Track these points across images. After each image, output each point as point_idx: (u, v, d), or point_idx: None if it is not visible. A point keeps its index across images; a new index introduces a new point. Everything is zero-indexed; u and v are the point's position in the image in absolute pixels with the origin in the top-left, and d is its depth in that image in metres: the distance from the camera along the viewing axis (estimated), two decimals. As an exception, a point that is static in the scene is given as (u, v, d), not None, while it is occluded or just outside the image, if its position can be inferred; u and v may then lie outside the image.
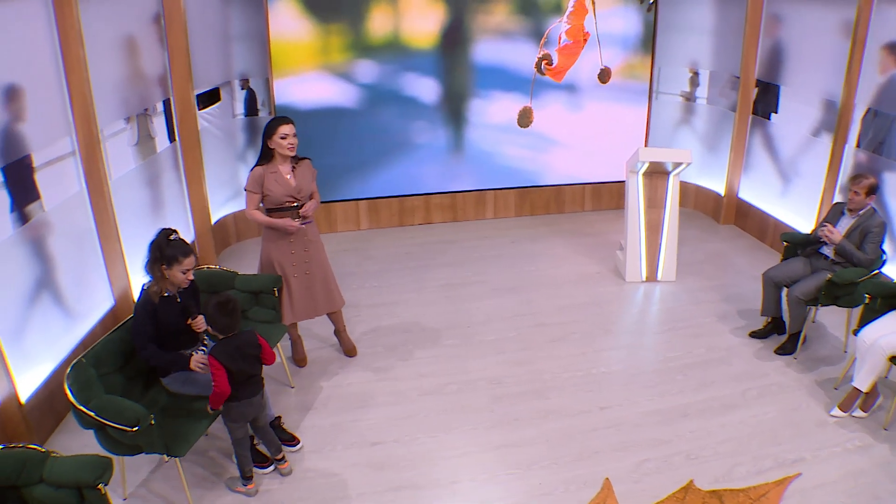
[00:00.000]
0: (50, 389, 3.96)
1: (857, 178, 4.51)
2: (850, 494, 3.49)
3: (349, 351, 4.80)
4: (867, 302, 4.22)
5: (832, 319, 5.14)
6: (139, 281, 3.62)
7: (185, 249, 3.49)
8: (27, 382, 3.83)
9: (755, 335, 4.98)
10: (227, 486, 3.59)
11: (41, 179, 4.01)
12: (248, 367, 3.36)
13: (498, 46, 6.79)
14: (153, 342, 3.48)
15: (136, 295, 3.65)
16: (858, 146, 5.56)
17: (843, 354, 4.75)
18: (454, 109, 6.94)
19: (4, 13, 3.66)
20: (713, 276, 6.02)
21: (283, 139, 4.08)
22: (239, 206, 6.60)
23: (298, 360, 4.70)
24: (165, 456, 3.24)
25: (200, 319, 3.63)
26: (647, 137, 7.49)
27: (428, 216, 7.29)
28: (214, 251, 6.30)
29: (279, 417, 3.91)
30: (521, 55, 6.85)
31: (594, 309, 5.46)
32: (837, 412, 4.09)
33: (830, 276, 4.42)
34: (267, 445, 3.67)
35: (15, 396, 3.63)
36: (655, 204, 5.80)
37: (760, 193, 6.85)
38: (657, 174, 5.76)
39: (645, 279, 5.91)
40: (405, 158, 6.99)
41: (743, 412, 4.17)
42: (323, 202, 6.67)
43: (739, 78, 6.68)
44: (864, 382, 3.96)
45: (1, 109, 3.66)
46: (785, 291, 4.80)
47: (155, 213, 5.45)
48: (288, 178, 4.17)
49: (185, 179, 5.92)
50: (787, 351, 4.75)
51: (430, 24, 6.58)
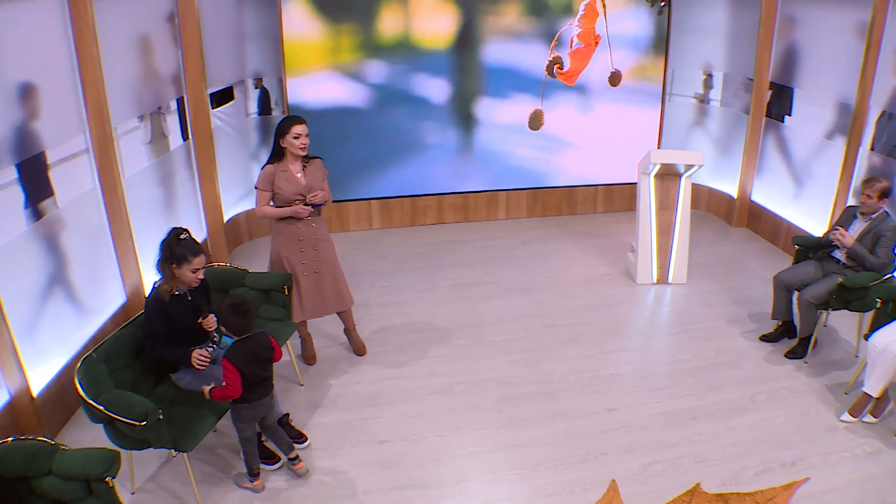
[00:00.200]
0: (61, 384, 4.01)
1: (869, 181, 4.47)
2: (858, 500, 3.46)
3: (359, 350, 4.82)
4: (878, 306, 4.19)
5: (843, 324, 5.10)
6: (151, 278, 3.65)
7: (194, 249, 3.50)
8: (39, 376, 3.88)
9: (766, 339, 4.95)
10: (234, 482, 3.62)
11: (55, 176, 4.06)
12: (261, 369, 3.37)
13: (508, 47, 6.78)
14: (163, 340, 3.50)
15: (147, 292, 3.68)
16: (872, 149, 5.51)
17: (854, 359, 4.71)
18: (465, 110, 6.94)
19: (20, 12, 3.71)
20: (724, 278, 5.99)
21: (295, 139, 4.10)
22: (252, 204, 6.62)
23: (308, 357, 4.72)
24: (173, 451, 3.26)
25: (211, 318, 3.64)
26: (660, 139, 7.46)
27: (440, 216, 7.30)
28: (227, 249, 6.34)
29: (287, 414, 3.93)
30: (531, 56, 6.84)
31: (604, 310, 5.45)
32: (847, 417, 4.06)
33: (842, 279, 4.39)
34: (277, 444, 3.66)
35: (27, 390, 3.68)
36: (667, 206, 5.77)
37: (773, 196, 6.80)
38: (669, 176, 5.74)
39: (656, 281, 5.89)
40: (417, 158, 7.01)
41: (752, 416, 4.15)
42: (335, 201, 6.72)
43: (753, 80, 6.64)
44: (874, 387, 3.92)
45: (16, 107, 3.71)
46: (796, 295, 4.76)
47: (167, 210, 5.50)
48: (298, 176, 4.19)
49: (197, 177, 5.96)
50: (797, 355, 4.72)
51: (440, 24, 6.59)
